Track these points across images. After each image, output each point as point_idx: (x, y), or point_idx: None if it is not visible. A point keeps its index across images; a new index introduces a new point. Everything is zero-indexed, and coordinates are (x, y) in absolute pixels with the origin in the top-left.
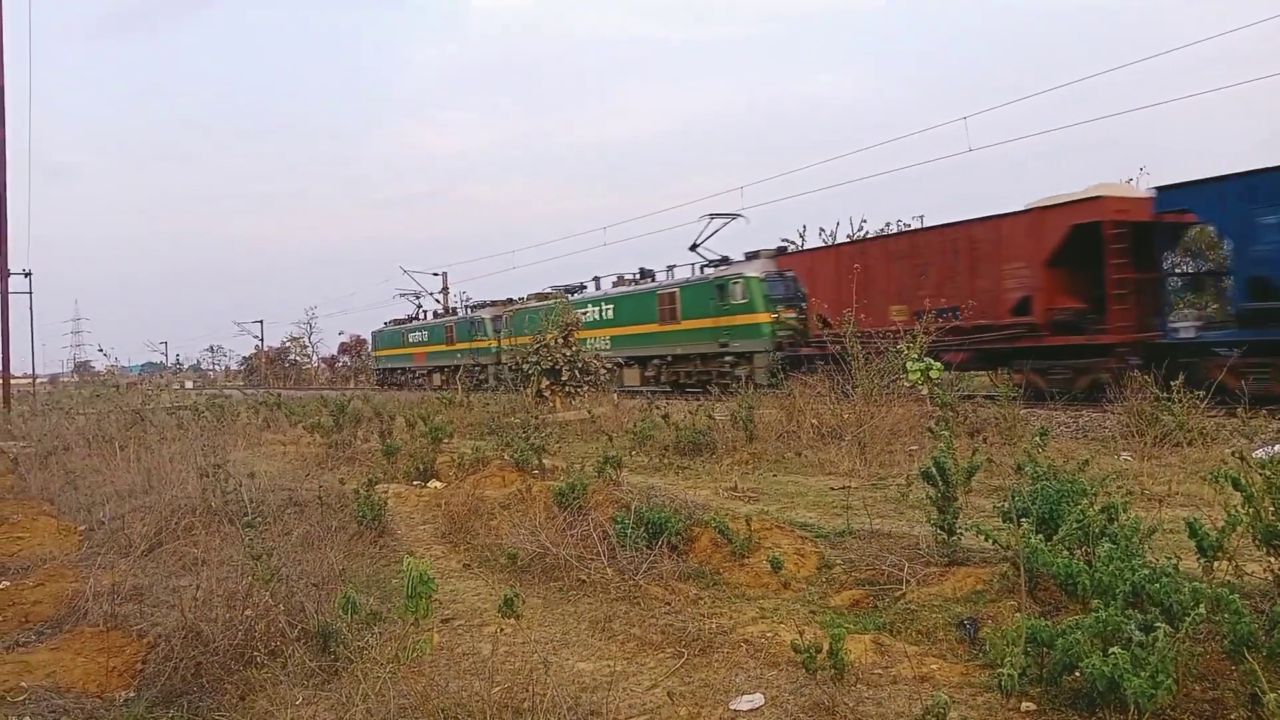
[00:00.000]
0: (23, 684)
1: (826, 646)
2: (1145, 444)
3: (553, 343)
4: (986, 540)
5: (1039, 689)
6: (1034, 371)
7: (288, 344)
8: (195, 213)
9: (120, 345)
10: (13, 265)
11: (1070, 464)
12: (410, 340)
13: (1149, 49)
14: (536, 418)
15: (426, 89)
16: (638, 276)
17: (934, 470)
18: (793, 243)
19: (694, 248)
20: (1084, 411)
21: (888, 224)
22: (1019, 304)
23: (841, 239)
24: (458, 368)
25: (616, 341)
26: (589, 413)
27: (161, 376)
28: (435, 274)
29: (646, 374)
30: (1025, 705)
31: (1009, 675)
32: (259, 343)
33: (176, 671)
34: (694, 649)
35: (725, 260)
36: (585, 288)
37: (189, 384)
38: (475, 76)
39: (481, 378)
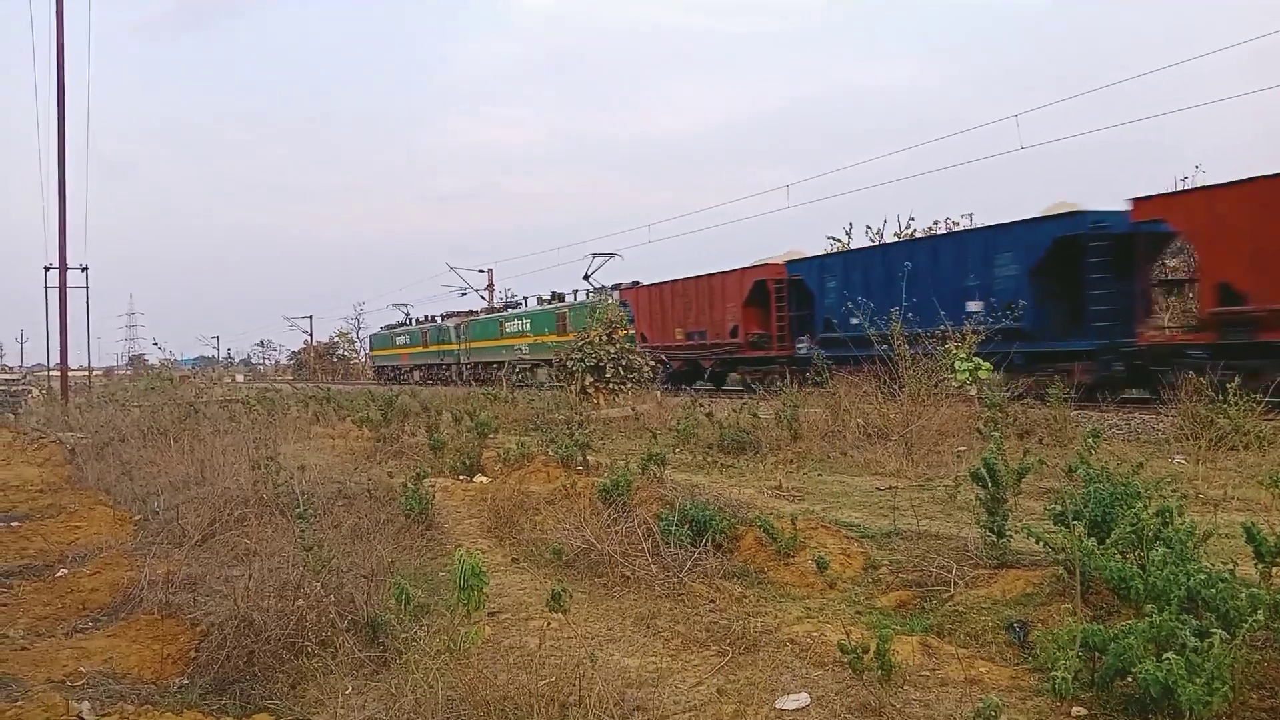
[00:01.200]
0: (81, 669)
1: (874, 647)
2: (1200, 447)
3: (596, 340)
4: (1038, 543)
5: (1090, 694)
6: (741, 372)
7: (336, 339)
8: (248, 207)
9: (173, 339)
10: (70, 260)
11: (1123, 467)
12: (397, 343)
13: (1204, 47)
14: (580, 414)
15: (475, 84)
16: (549, 298)
17: (984, 471)
18: (839, 241)
19: (586, 278)
20: (1136, 414)
21: (936, 222)
22: (731, 330)
23: (890, 237)
24: (431, 365)
25: (533, 347)
26: (632, 410)
27: (213, 370)
28: (481, 270)
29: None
30: (1076, 710)
31: (1062, 679)
32: (308, 337)
33: (229, 659)
34: (739, 647)
35: (603, 289)
36: (522, 304)
37: (240, 378)
38: (523, 71)
39: (446, 373)
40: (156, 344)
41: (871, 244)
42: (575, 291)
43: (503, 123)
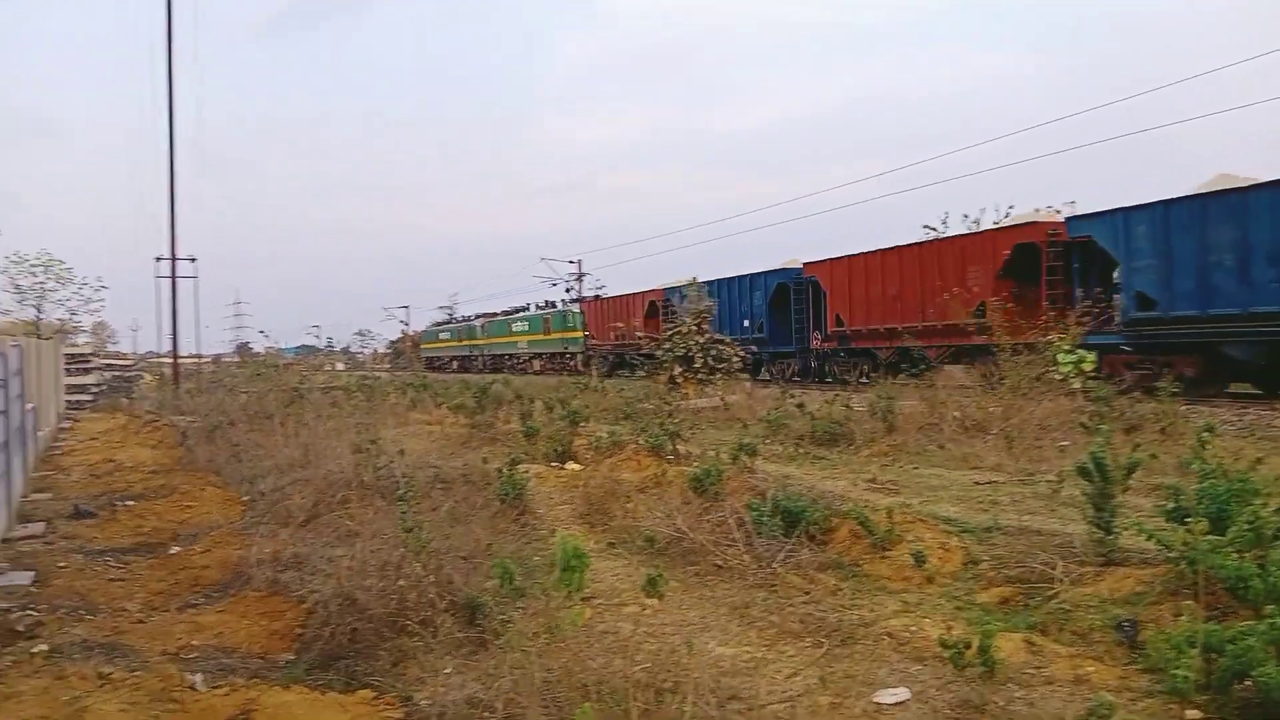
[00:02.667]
0: (194, 642)
1: (976, 643)
2: None
3: (687, 330)
4: (1149, 540)
5: (1206, 696)
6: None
7: (431, 329)
8: (350, 201)
9: (276, 328)
10: (180, 251)
11: (1239, 463)
12: (440, 338)
13: None
14: (670, 404)
15: (569, 81)
16: (543, 305)
17: (1091, 466)
18: (934, 229)
19: (567, 290)
20: (1250, 408)
21: (1036, 209)
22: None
23: (987, 224)
24: (463, 356)
25: (530, 343)
26: (722, 400)
27: (315, 358)
28: (571, 262)
29: (545, 363)
30: (1191, 713)
31: (1183, 678)
32: (405, 327)
33: (334, 636)
34: (834, 639)
35: (578, 300)
36: (525, 309)
37: (340, 365)
38: (616, 67)
39: (474, 364)
40: (263, 333)
41: None
42: (562, 300)
43: (597, 119)
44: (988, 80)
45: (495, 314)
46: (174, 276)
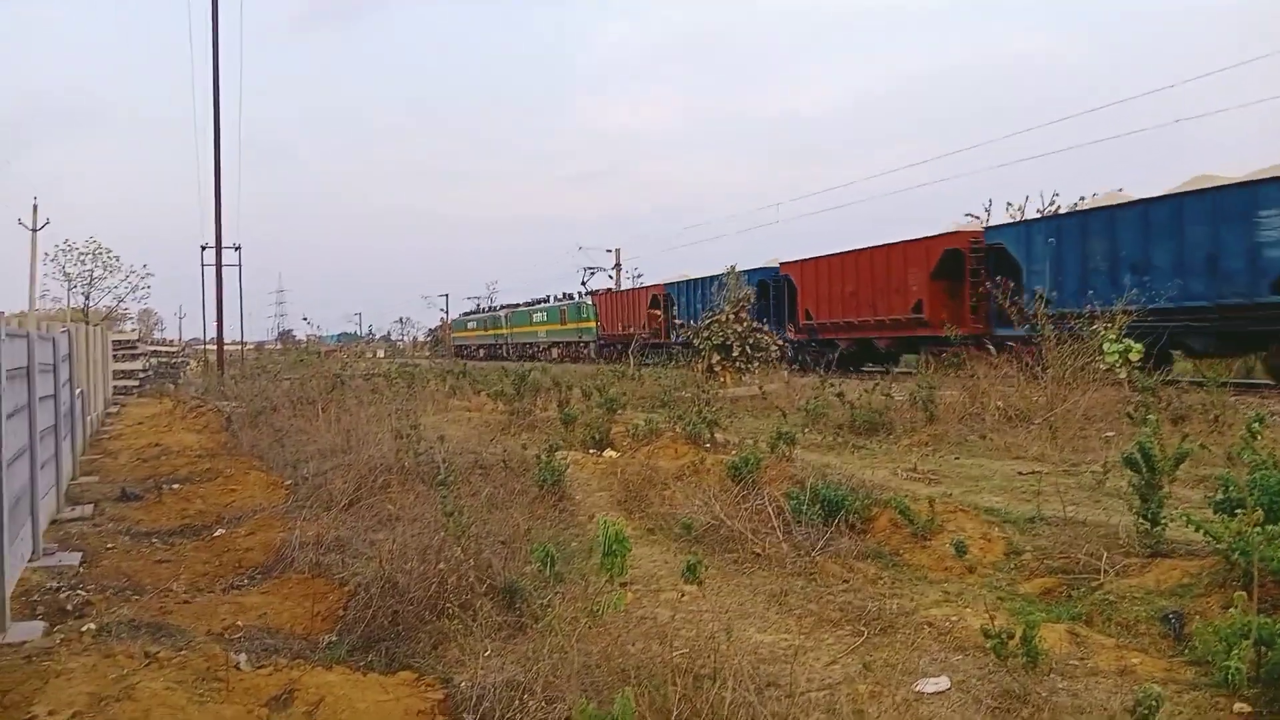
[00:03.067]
0: (238, 623)
1: (1019, 633)
2: None
3: (725, 319)
4: (1197, 531)
5: (1255, 690)
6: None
7: (460, 318)
8: (390, 190)
9: (317, 315)
10: (224, 239)
11: None
12: (469, 327)
13: None
14: (707, 392)
15: (609, 66)
16: (561, 297)
17: (1138, 456)
18: (978, 217)
19: (583, 284)
20: None
21: (1082, 197)
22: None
23: (1032, 212)
24: (490, 345)
25: (548, 333)
26: (760, 389)
27: (356, 345)
28: (609, 250)
29: (562, 350)
30: (1239, 706)
31: (1235, 669)
32: (444, 314)
33: (375, 618)
34: (874, 628)
35: (591, 292)
36: (544, 301)
37: (380, 353)
38: (656, 53)
39: (500, 351)
40: (306, 320)
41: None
42: (578, 292)
43: (636, 104)
44: (1033, 61)
45: (519, 305)
46: (219, 264)
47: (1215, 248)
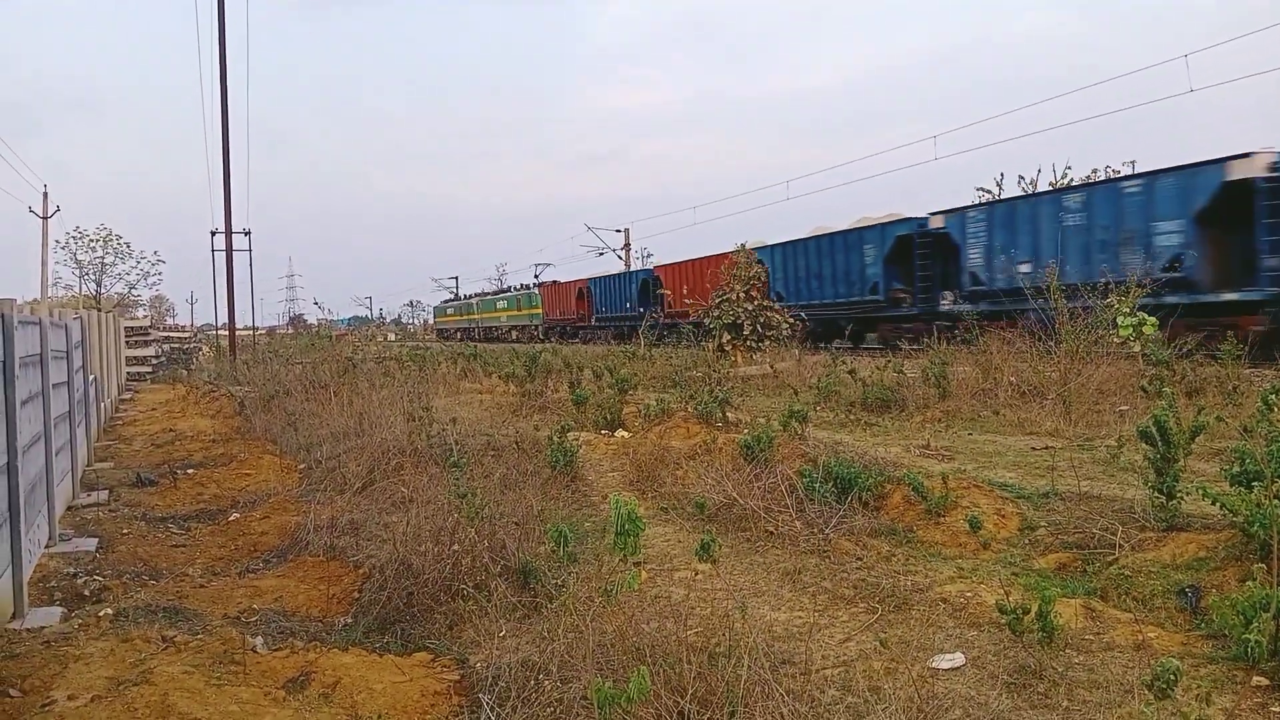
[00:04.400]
0: (254, 606)
1: (1034, 608)
2: None
3: (735, 297)
4: (1214, 504)
5: (1274, 663)
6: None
7: (441, 305)
8: (400, 174)
9: (328, 299)
10: (234, 225)
11: None
12: (448, 313)
13: None
14: (718, 372)
15: (610, 49)
16: (520, 286)
17: (1153, 430)
18: (989, 191)
19: (536, 277)
20: None
21: (1094, 170)
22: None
23: (1044, 186)
24: (464, 329)
25: (509, 317)
26: (771, 367)
27: (367, 329)
28: (618, 230)
29: (519, 332)
30: (1257, 679)
31: (1255, 643)
32: (454, 297)
33: (390, 600)
34: (888, 605)
35: (539, 284)
36: (506, 291)
37: (391, 336)
38: (658, 34)
39: (472, 335)
40: (317, 303)
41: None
42: (533, 281)
43: (638, 85)
44: (1040, 37)
45: (486, 294)
46: (229, 250)
47: (848, 267)
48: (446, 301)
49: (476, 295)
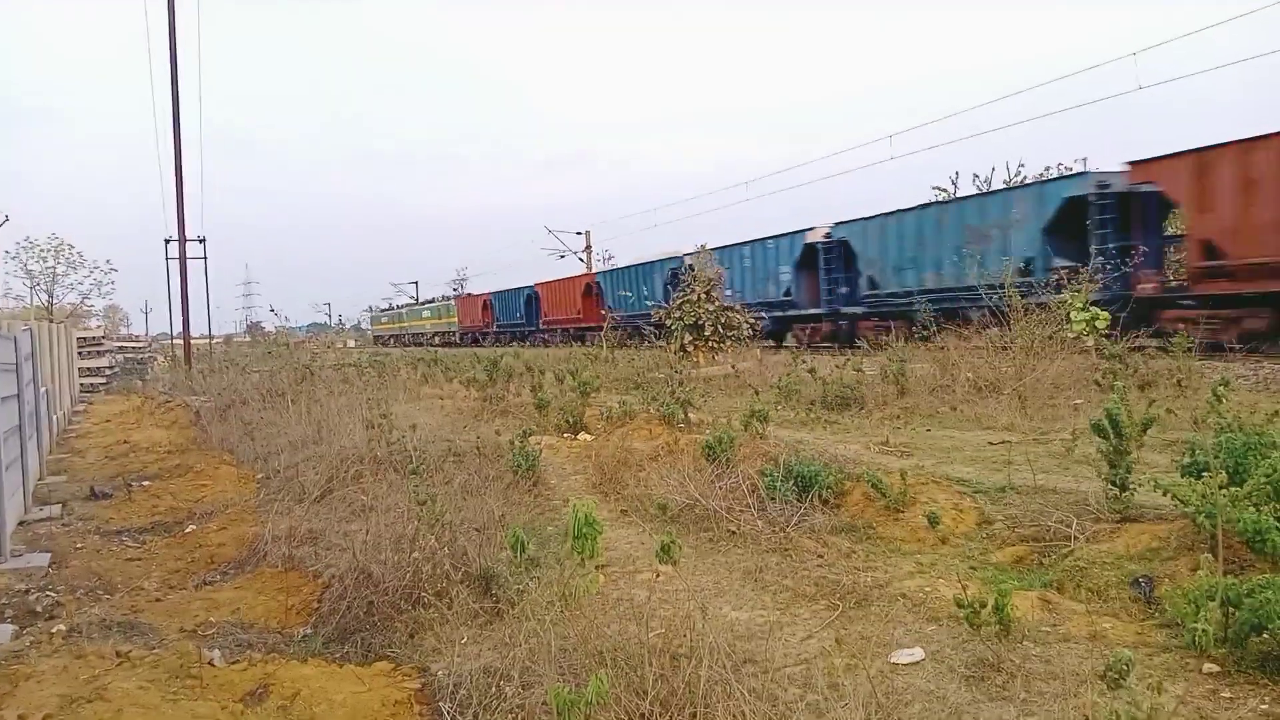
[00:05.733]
0: (211, 619)
1: (991, 602)
2: None
3: (696, 299)
4: (1165, 495)
5: (1223, 650)
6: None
7: (378, 313)
8: (358, 177)
9: (286, 306)
10: (189, 232)
11: (1255, 416)
12: (383, 320)
13: None
14: (680, 372)
15: (574, 48)
16: (442, 298)
17: (1106, 422)
18: (945, 190)
19: (456, 290)
20: (1264, 363)
21: (1046, 168)
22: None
23: (998, 184)
24: (397, 335)
25: (432, 325)
26: (733, 367)
27: (326, 336)
28: (579, 233)
29: (443, 339)
30: (1208, 666)
31: (1204, 631)
32: (461, 294)
33: (350, 610)
34: (849, 601)
35: (455, 296)
36: (430, 302)
37: (351, 343)
38: (610, 34)
39: (404, 341)
40: (274, 311)
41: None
42: (452, 294)
43: (598, 85)
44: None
45: (414, 304)
46: (183, 258)
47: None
48: (382, 311)
49: (405, 305)
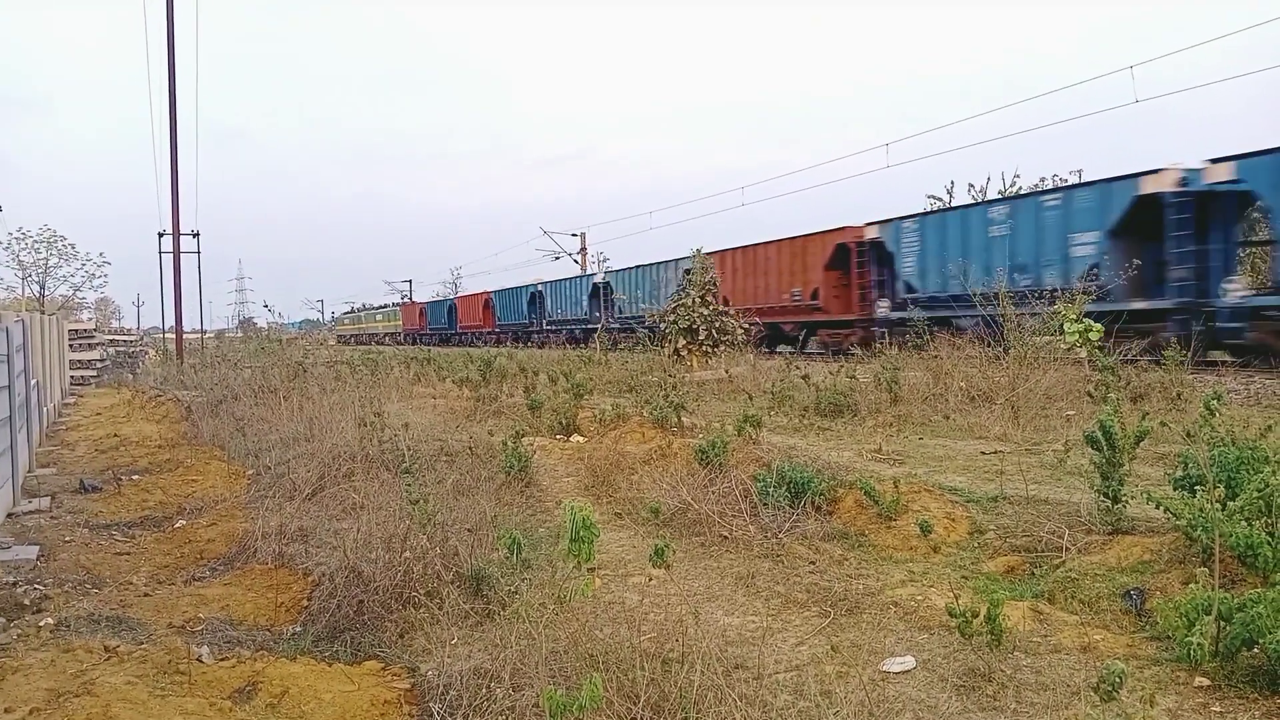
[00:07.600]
0: (200, 615)
1: (983, 611)
2: None
3: (691, 302)
4: (1157, 508)
5: (1214, 664)
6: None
7: (343, 315)
8: (354, 174)
9: (279, 302)
10: (182, 226)
11: (1248, 430)
12: (344, 322)
13: None
14: (674, 376)
15: (570, 46)
16: (393, 304)
17: (1099, 434)
18: (940, 199)
19: (404, 296)
20: (1256, 378)
21: (1041, 179)
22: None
23: (992, 195)
24: (357, 335)
25: (384, 327)
26: (726, 372)
27: (318, 332)
28: (574, 234)
29: (390, 338)
30: (1199, 680)
31: (1197, 644)
32: (405, 298)
33: (340, 608)
34: (841, 609)
35: (401, 303)
36: (384, 307)
37: (334, 340)
38: (615, 30)
39: (365, 341)
40: (267, 306)
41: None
42: (399, 299)
43: (598, 85)
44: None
45: (371, 308)
46: (176, 252)
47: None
48: (345, 313)
49: (364, 309)
